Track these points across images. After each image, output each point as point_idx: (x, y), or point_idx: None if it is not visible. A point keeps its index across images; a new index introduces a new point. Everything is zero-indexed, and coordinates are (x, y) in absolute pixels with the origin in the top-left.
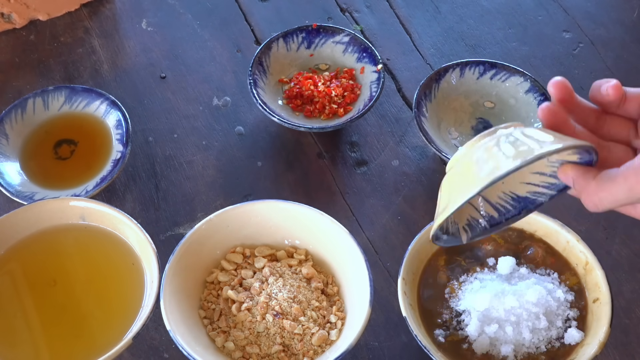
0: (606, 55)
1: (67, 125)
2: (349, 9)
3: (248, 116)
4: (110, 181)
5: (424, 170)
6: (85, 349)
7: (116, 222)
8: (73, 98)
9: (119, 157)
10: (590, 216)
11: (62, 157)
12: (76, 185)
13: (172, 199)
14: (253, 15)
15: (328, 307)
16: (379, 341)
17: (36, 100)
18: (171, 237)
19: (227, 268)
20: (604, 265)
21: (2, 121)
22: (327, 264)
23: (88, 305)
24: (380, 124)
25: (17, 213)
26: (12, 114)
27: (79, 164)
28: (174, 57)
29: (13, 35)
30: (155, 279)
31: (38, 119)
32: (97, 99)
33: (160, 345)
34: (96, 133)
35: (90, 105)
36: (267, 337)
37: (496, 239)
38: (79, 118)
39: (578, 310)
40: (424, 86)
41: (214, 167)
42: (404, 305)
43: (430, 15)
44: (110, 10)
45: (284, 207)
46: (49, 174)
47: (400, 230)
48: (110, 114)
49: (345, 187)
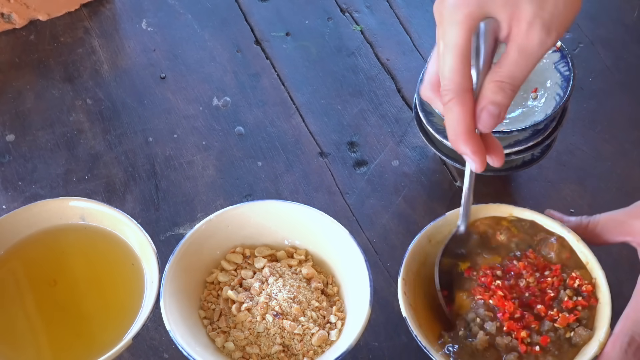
0: (606, 55)
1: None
2: (349, 9)
3: (248, 116)
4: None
5: (424, 171)
6: (85, 348)
7: (116, 222)
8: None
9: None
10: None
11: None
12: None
13: (172, 199)
14: (253, 15)
15: (328, 308)
16: (379, 341)
17: None
18: (171, 237)
19: (227, 268)
20: (604, 265)
21: None
22: (327, 264)
23: (88, 305)
24: (380, 124)
25: (17, 213)
26: None
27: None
28: (174, 57)
29: (13, 35)
30: (155, 279)
31: None
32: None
33: (160, 345)
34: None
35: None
36: (267, 338)
37: (510, 228)
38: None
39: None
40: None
41: (214, 167)
42: (404, 306)
43: (430, 16)
44: (110, 10)
45: (284, 207)
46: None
47: (400, 230)
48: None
49: (345, 187)
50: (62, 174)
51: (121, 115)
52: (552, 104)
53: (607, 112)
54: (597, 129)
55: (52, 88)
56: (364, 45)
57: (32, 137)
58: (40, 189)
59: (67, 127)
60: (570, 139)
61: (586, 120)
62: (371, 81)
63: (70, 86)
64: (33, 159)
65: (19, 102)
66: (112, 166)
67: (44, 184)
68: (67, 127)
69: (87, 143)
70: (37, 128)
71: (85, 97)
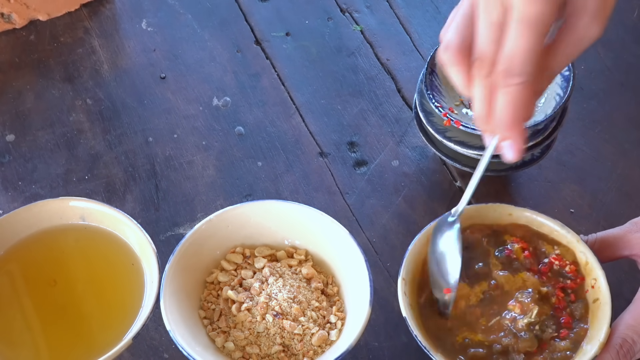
0: (606, 55)
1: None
2: (349, 9)
3: (248, 116)
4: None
5: (424, 171)
6: (85, 348)
7: (116, 222)
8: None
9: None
10: (590, 216)
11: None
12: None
13: (172, 199)
14: (253, 15)
15: (328, 308)
16: (379, 341)
17: None
18: (171, 237)
19: (227, 268)
20: (604, 265)
21: None
22: (327, 264)
23: (88, 305)
24: (380, 124)
25: (17, 213)
26: None
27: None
28: (174, 57)
29: (13, 35)
30: (155, 279)
31: None
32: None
33: (160, 345)
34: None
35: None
36: (267, 338)
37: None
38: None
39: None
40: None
41: (214, 167)
42: (404, 306)
43: (430, 16)
44: (110, 10)
45: (284, 207)
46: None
47: (400, 230)
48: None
49: (345, 187)
50: (62, 174)
51: (121, 115)
52: (552, 104)
53: (607, 112)
54: (597, 129)
55: (52, 88)
56: (364, 45)
57: (32, 137)
58: (40, 189)
59: (67, 127)
60: (570, 139)
61: (586, 120)
62: (371, 81)
63: (70, 86)
64: (33, 159)
65: (19, 102)
66: (112, 166)
67: (44, 184)
68: (67, 127)
69: (87, 143)
70: (37, 128)
71: (85, 97)
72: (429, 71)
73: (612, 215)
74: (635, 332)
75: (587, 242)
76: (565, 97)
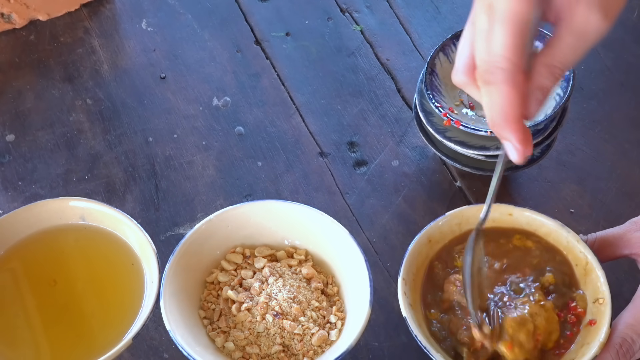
0: (606, 55)
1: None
2: (349, 9)
3: (248, 116)
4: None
5: (424, 171)
6: (85, 348)
7: (116, 222)
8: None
9: None
10: (590, 216)
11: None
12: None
13: (172, 199)
14: (253, 15)
15: (328, 307)
16: (379, 341)
17: None
18: (171, 237)
19: (227, 268)
20: (604, 265)
21: None
22: (327, 264)
23: (88, 305)
24: (380, 124)
25: (17, 213)
26: None
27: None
28: (174, 57)
29: (13, 35)
30: (155, 279)
31: None
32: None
33: (160, 345)
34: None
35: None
36: (267, 338)
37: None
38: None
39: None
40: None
41: (214, 167)
42: (404, 306)
43: (430, 16)
44: (110, 10)
45: (284, 207)
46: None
47: (400, 230)
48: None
49: (345, 187)
50: (62, 174)
51: (121, 115)
52: (552, 104)
53: (607, 112)
54: (597, 129)
55: (52, 88)
56: (364, 45)
57: (32, 137)
58: (40, 189)
59: (67, 127)
60: (570, 139)
61: (586, 120)
62: (371, 81)
63: (70, 86)
64: (33, 159)
65: (19, 102)
66: (112, 166)
67: (44, 184)
68: (67, 127)
69: (87, 143)
70: (37, 128)
71: (85, 97)
72: (429, 71)
73: (612, 215)
74: (635, 331)
75: (587, 241)
76: (565, 97)
